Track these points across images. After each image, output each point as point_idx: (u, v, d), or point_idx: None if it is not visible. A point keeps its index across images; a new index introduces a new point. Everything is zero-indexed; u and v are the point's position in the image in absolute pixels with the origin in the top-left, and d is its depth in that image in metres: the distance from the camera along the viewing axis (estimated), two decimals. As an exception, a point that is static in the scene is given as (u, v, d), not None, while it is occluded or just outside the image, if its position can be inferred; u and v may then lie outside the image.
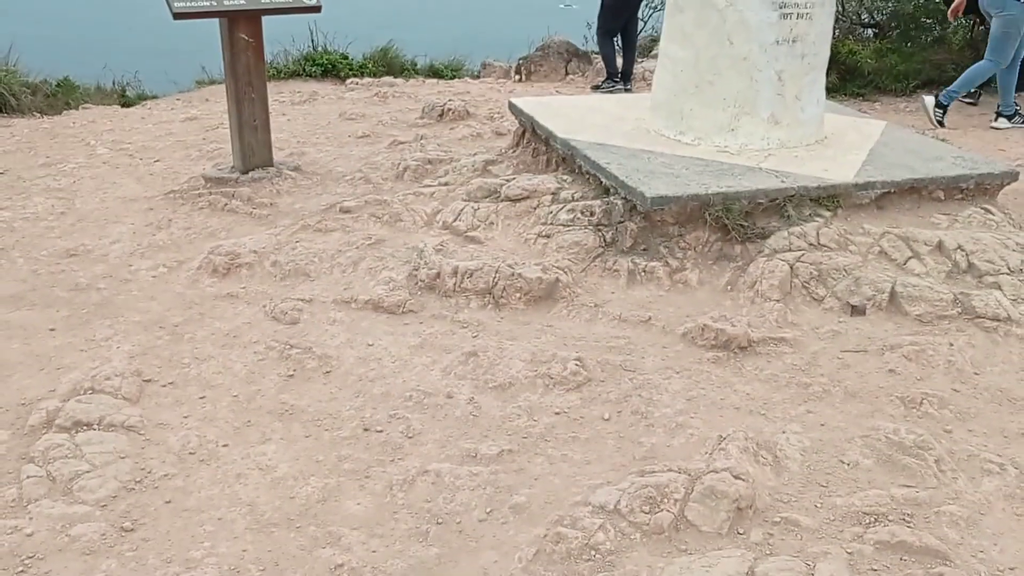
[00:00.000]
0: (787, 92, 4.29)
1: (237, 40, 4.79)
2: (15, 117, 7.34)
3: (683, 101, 4.45)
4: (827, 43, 4.45)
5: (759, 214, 3.82)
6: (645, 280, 3.65)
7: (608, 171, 3.99)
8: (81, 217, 4.50)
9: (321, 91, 8.62)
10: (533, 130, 4.93)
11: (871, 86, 8.32)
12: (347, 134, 6.24)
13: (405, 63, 11.18)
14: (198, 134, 6.36)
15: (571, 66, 10.37)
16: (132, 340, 3.25)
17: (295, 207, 4.60)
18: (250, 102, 4.93)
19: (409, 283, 3.63)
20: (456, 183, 4.71)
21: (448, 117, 6.56)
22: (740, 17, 4.16)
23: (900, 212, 3.97)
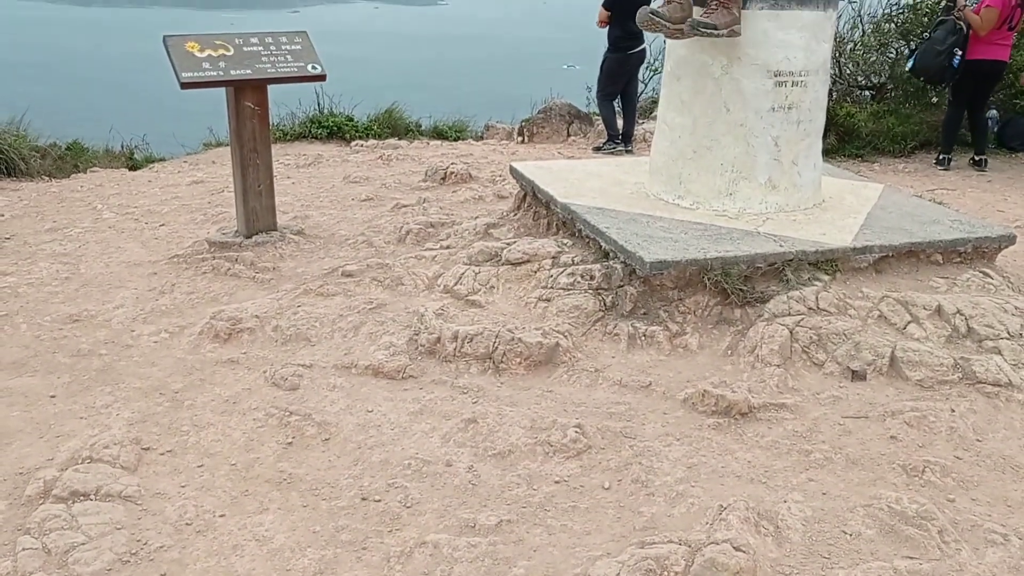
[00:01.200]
0: (784, 157, 4.34)
1: (243, 108, 4.88)
2: (24, 181, 7.44)
3: (681, 166, 4.51)
4: (822, 110, 4.52)
5: (758, 278, 3.84)
6: (645, 344, 3.65)
7: (607, 235, 4.03)
8: (85, 282, 4.53)
9: (326, 153, 8.74)
10: (534, 194, 4.99)
11: (869, 147, 8.42)
12: (351, 197, 6.32)
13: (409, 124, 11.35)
14: (203, 198, 6.44)
15: (573, 128, 10.51)
16: (132, 407, 3.25)
17: (298, 271, 4.63)
18: (255, 168, 5.01)
19: (409, 348, 3.64)
20: (458, 246, 4.75)
21: (451, 180, 6.64)
22: (736, 85, 4.24)
23: (899, 276, 3.99)
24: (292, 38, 5.17)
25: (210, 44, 4.85)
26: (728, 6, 4.09)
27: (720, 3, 4.09)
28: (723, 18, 4.08)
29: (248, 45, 4.97)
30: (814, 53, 4.30)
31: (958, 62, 7.50)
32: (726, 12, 4.08)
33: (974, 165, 7.92)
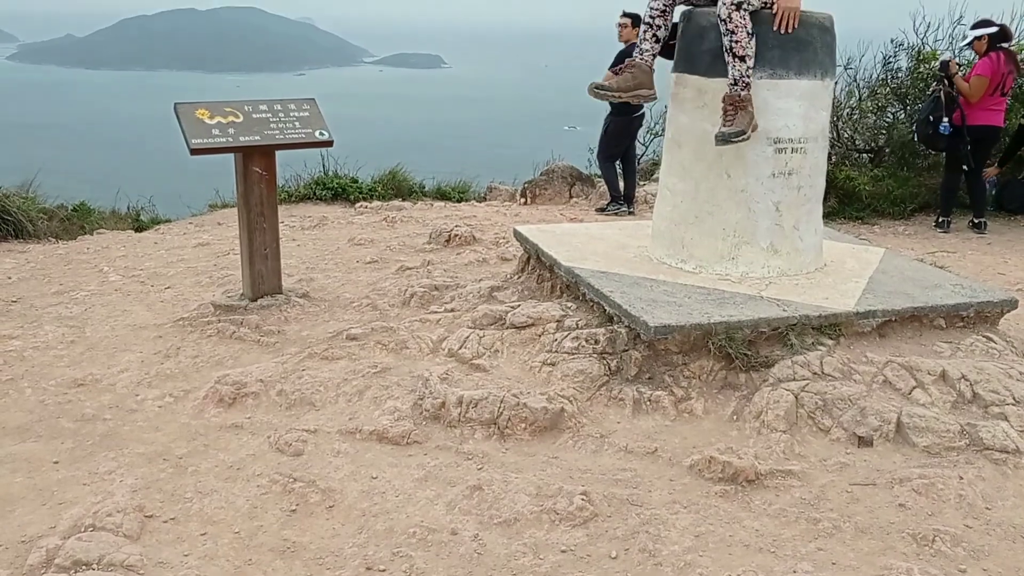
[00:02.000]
0: (785, 222, 4.39)
1: (251, 173, 4.96)
2: (31, 243, 7.52)
3: (684, 231, 4.56)
4: (822, 175, 4.59)
5: (762, 343, 3.85)
6: (650, 409, 3.65)
7: (611, 299, 4.05)
8: (91, 346, 4.55)
9: (331, 215, 8.83)
10: (538, 257, 5.03)
11: (869, 210, 8.51)
12: (355, 259, 6.37)
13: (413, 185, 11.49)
14: (209, 260, 6.49)
15: (575, 189, 10.63)
16: (135, 473, 3.24)
17: (302, 334, 4.65)
18: (261, 231, 5.06)
19: (414, 413, 3.63)
20: (462, 309, 4.78)
21: (455, 242, 6.70)
22: (737, 152, 4.31)
23: (902, 340, 4.00)
24: (300, 105, 5.27)
25: (220, 111, 4.94)
26: (743, 107, 4.18)
27: (734, 106, 4.18)
28: (744, 120, 4.17)
29: (257, 112, 5.07)
30: (813, 121, 4.38)
31: (945, 129, 7.66)
32: (745, 113, 4.17)
33: (973, 228, 8.00)
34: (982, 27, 7.85)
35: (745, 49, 4.15)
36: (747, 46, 4.15)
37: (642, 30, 4.57)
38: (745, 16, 4.14)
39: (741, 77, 4.18)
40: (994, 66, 7.60)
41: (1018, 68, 7.84)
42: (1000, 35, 7.77)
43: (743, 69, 4.17)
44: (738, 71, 4.18)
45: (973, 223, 8.04)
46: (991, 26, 7.81)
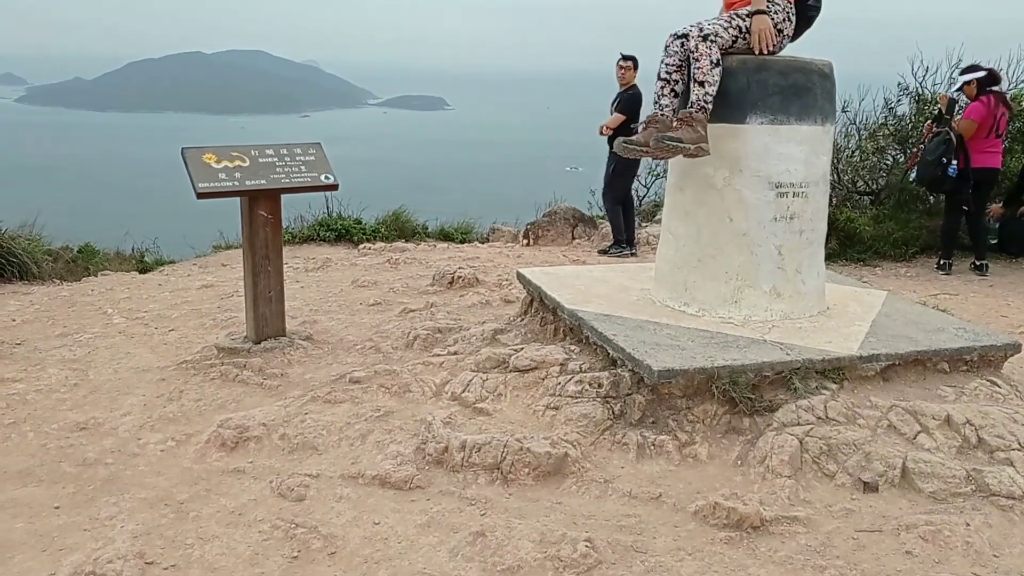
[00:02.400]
0: (787, 266, 4.41)
1: (256, 216, 4.99)
2: (36, 284, 7.55)
3: (686, 274, 4.57)
4: (823, 219, 4.61)
5: (766, 387, 3.84)
6: (654, 454, 3.63)
7: (615, 343, 4.05)
8: (94, 389, 4.55)
9: (334, 257, 8.87)
10: (541, 300, 5.05)
11: (871, 251, 8.54)
12: (359, 302, 6.38)
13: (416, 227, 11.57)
14: (213, 302, 6.51)
15: (577, 231, 10.69)
16: (136, 519, 3.22)
17: (305, 377, 4.64)
18: (266, 274, 5.09)
19: (417, 457, 3.62)
20: (465, 352, 4.78)
21: (458, 284, 6.72)
22: (738, 196, 4.34)
23: (906, 384, 3.99)
24: (307, 149, 5.33)
25: (227, 155, 5.00)
26: (691, 124, 4.26)
27: (683, 120, 4.28)
28: (689, 134, 4.25)
29: (263, 156, 5.12)
30: (813, 166, 4.42)
31: (953, 171, 7.70)
32: (691, 129, 4.26)
33: (975, 270, 8.02)
34: (971, 72, 8.02)
35: (706, 75, 4.27)
36: (708, 73, 4.27)
37: (658, 86, 4.56)
38: (711, 47, 4.27)
39: (698, 100, 4.29)
40: (985, 109, 7.71)
41: (1011, 110, 7.96)
42: (989, 79, 7.92)
43: (701, 93, 4.29)
44: (695, 95, 4.30)
45: (975, 265, 8.07)
46: (979, 71, 7.99)
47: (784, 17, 4.43)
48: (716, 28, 4.31)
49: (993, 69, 8.11)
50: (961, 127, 7.75)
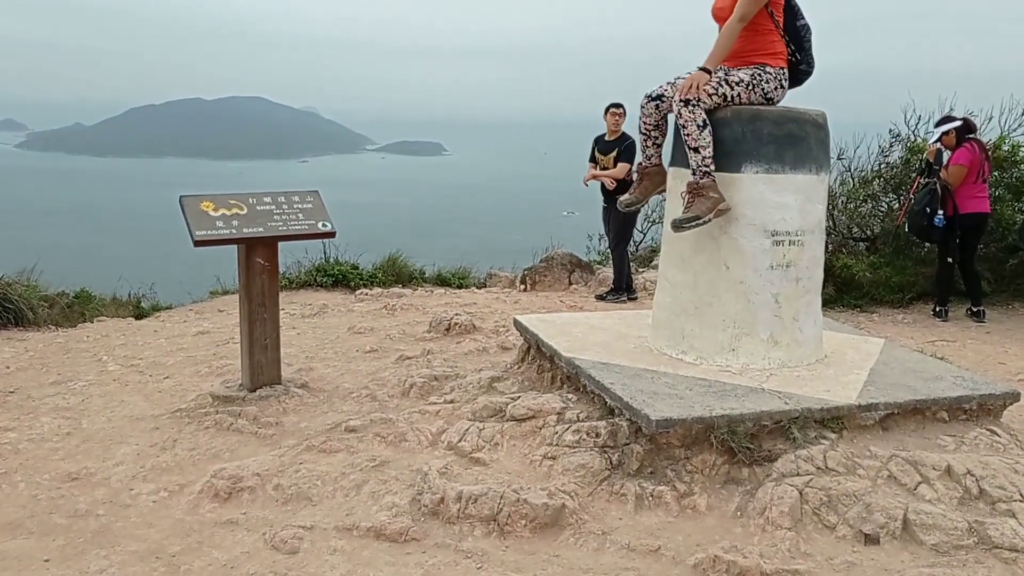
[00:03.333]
0: (784, 314, 4.41)
1: (253, 264, 4.99)
2: (31, 331, 7.52)
3: (684, 322, 4.57)
4: (820, 267, 4.62)
5: (765, 436, 3.81)
6: (653, 505, 3.59)
7: (612, 392, 4.03)
8: (87, 438, 4.50)
9: (331, 302, 8.85)
10: (538, 347, 5.03)
11: (868, 298, 8.55)
12: (355, 348, 6.36)
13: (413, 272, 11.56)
14: (209, 349, 6.48)
15: (574, 276, 10.70)
16: (127, 572, 3.16)
17: (301, 426, 4.61)
18: (262, 322, 5.07)
19: (412, 508, 3.57)
20: (462, 400, 4.75)
21: (455, 331, 6.70)
22: (735, 245, 4.35)
23: (905, 434, 3.96)
24: (304, 197, 5.35)
25: (224, 204, 5.01)
26: (701, 193, 4.26)
27: (692, 193, 4.29)
28: (702, 206, 4.24)
29: (261, 204, 5.14)
30: (809, 214, 4.44)
31: (940, 222, 7.77)
32: (702, 199, 4.25)
33: (972, 316, 8.03)
34: (947, 123, 8.16)
35: (697, 141, 4.28)
36: (699, 138, 4.28)
37: (640, 139, 4.77)
38: (694, 111, 4.28)
39: (698, 167, 4.31)
40: (971, 155, 7.83)
41: (989, 156, 8.07)
42: (965, 128, 8.05)
43: (699, 159, 4.30)
44: (694, 161, 4.32)
45: (971, 312, 8.07)
46: (954, 120, 8.14)
47: (776, 85, 4.48)
48: (699, 94, 4.31)
49: (967, 118, 8.27)
50: (951, 174, 7.83)
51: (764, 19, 4.43)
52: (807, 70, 4.69)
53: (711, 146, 4.30)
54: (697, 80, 4.32)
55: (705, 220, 4.25)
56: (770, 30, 4.46)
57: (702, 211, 4.24)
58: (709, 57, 4.39)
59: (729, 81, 4.38)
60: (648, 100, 4.63)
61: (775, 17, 4.46)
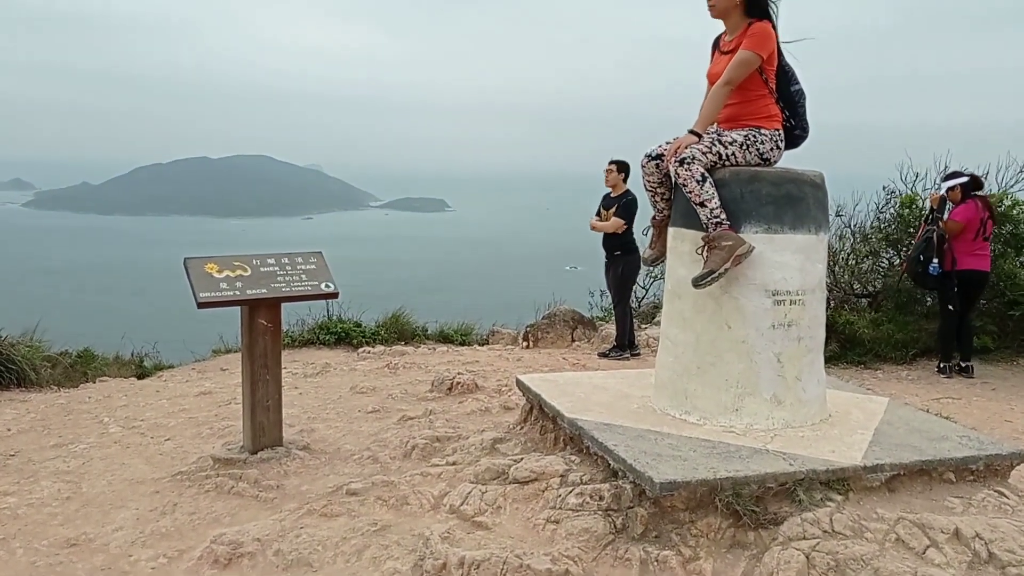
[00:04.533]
0: (787, 373, 4.40)
1: (256, 325, 5.01)
2: (33, 391, 7.52)
3: (686, 382, 4.56)
4: (821, 326, 4.62)
5: (770, 499, 3.77)
6: (658, 571, 3.54)
7: (616, 454, 4.00)
8: (86, 502, 4.46)
9: (334, 361, 8.85)
10: (540, 408, 5.01)
11: (871, 354, 8.53)
12: (357, 409, 6.33)
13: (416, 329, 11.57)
14: (211, 410, 6.46)
15: (577, 333, 10.70)
16: (124, 643, 3.11)
17: (302, 489, 4.57)
18: (264, 383, 5.07)
19: (414, 574, 3.52)
20: (464, 462, 4.71)
21: (457, 390, 6.68)
22: (736, 304, 4.37)
23: (912, 495, 3.92)
24: (307, 258, 5.39)
25: (228, 265, 5.05)
26: (714, 246, 4.28)
27: (706, 248, 4.31)
28: (717, 258, 4.25)
29: (265, 265, 5.17)
30: (809, 273, 4.46)
31: (935, 270, 7.80)
32: (716, 252, 4.27)
33: (960, 372, 8.00)
34: (954, 178, 8.23)
35: (700, 195, 4.32)
36: (701, 192, 4.32)
37: (648, 195, 4.85)
38: (691, 168, 4.32)
39: (707, 221, 4.34)
40: (971, 212, 7.88)
41: (994, 214, 8.12)
42: (972, 184, 8.11)
43: (706, 213, 4.33)
44: (703, 215, 4.35)
45: (960, 367, 8.04)
46: (962, 176, 8.21)
47: (772, 146, 4.55)
48: (694, 152, 4.35)
49: (975, 175, 8.32)
50: (949, 228, 7.90)
51: (757, 84, 4.50)
52: (802, 134, 4.76)
53: (716, 197, 4.33)
54: (685, 142, 4.39)
55: (721, 272, 4.25)
56: (763, 95, 4.53)
57: (716, 264, 4.25)
58: (697, 120, 4.46)
59: (722, 141, 4.45)
60: (648, 159, 4.69)
61: (769, 83, 4.53)
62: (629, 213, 8.79)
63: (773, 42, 4.46)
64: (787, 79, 4.66)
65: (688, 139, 4.40)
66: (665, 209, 4.86)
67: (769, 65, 4.50)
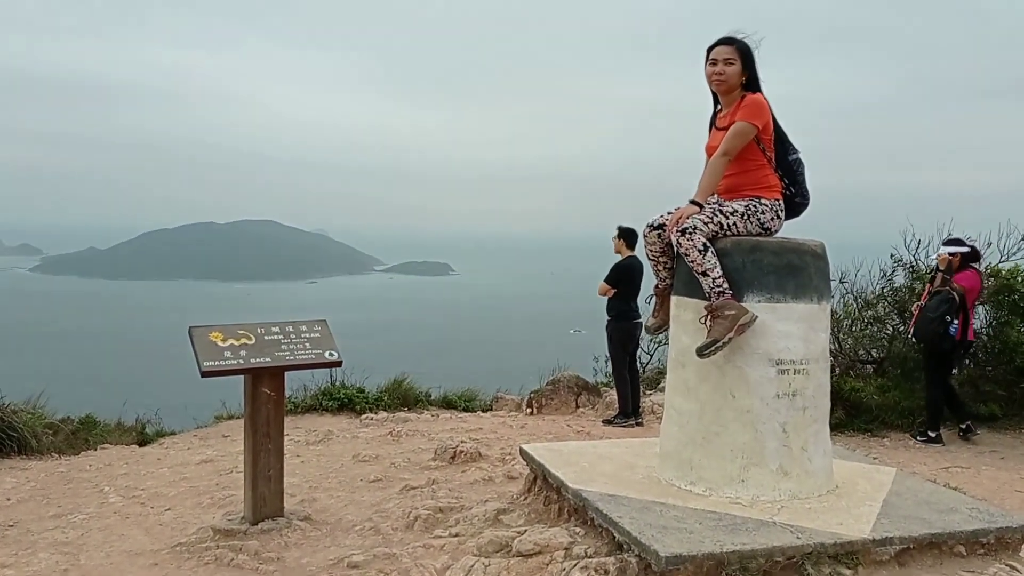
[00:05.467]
0: (793, 444, 4.36)
1: (260, 394, 5.00)
2: (33, 459, 7.46)
3: (691, 452, 4.52)
4: (826, 395, 4.61)
5: (778, 572, 3.71)
6: (664, 648, 3.46)
7: (620, 526, 3.95)
8: (84, 575, 4.40)
9: (336, 428, 8.79)
10: (544, 478, 4.96)
11: (877, 421, 8.46)
12: (359, 478, 6.27)
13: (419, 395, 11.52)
14: (212, 478, 6.40)
15: (581, 399, 10.64)
16: None
17: (302, 561, 4.50)
18: (266, 453, 5.04)
19: (416, 652, 3.45)
20: (467, 534, 4.65)
21: (460, 459, 6.62)
22: (740, 373, 4.36)
23: (923, 569, 3.85)
24: (312, 326, 5.40)
25: (233, 334, 5.06)
26: (717, 315, 4.29)
27: (710, 317, 4.31)
28: (720, 328, 4.26)
29: (269, 334, 5.19)
30: (812, 343, 4.46)
31: (955, 330, 7.73)
32: (719, 321, 4.28)
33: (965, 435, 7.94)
34: (956, 245, 8.24)
35: (703, 265, 4.34)
36: (703, 262, 4.34)
37: (651, 265, 4.88)
38: (692, 238, 4.35)
39: (710, 290, 4.35)
40: (975, 281, 7.93)
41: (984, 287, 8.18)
42: (972, 255, 8.16)
43: (708, 282, 4.35)
44: (705, 285, 4.36)
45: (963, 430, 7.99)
46: (963, 245, 8.23)
47: (772, 216, 4.60)
48: (695, 222, 4.40)
49: (975, 247, 8.38)
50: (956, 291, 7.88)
51: (756, 154, 4.57)
52: (803, 202, 4.81)
53: (718, 267, 4.36)
54: (686, 212, 4.43)
55: (725, 342, 4.25)
56: (762, 164, 4.60)
57: (720, 333, 4.26)
58: (697, 191, 4.52)
59: (723, 211, 4.49)
60: (650, 229, 4.74)
61: (767, 152, 4.60)
62: (613, 277, 8.85)
63: (767, 112, 4.54)
64: (785, 149, 4.73)
65: (689, 209, 4.45)
66: (668, 278, 4.89)
67: (766, 135, 4.57)
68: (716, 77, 4.59)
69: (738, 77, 4.55)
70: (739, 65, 4.54)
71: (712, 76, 4.60)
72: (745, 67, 4.55)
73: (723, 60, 4.55)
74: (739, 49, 4.56)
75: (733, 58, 4.54)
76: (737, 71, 4.54)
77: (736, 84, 4.58)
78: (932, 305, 7.90)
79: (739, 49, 4.56)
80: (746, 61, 4.56)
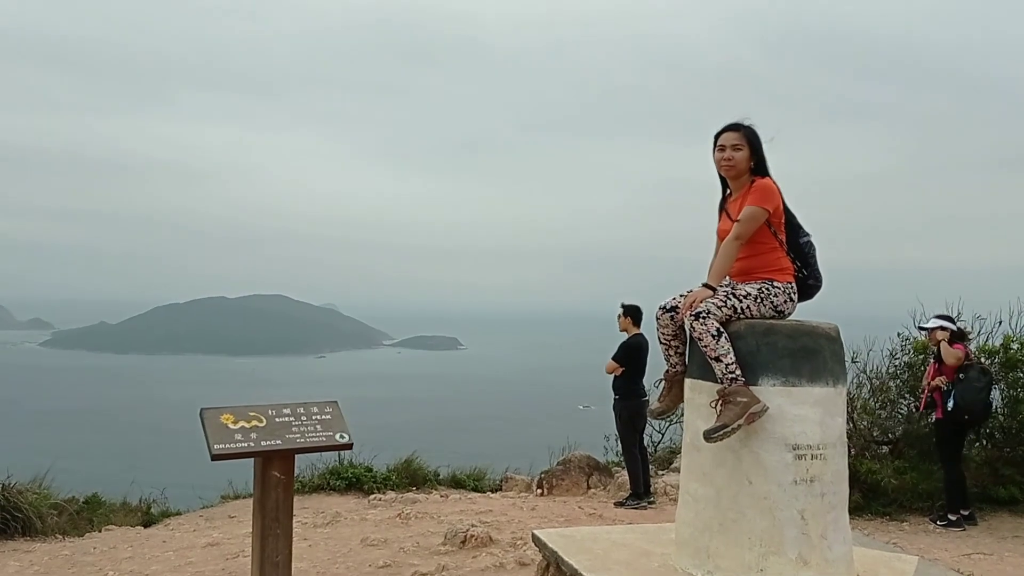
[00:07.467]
0: (812, 531, 4.27)
1: (270, 477, 4.94)
2: (38, 541, 7.37)
3: (708, 539, 4.43)
4: (845, 481, 4.52)
5: (800, 669, 3.59)
6: None
7: (637, 618, 3.85)
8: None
9: (344, 509, 8.67)
10: (558, 565, 4.85)
11: (895, 504, 8.28)
12: (368, 563, 6.15)
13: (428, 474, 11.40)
14: (217, 563, 6.29)
15: (592, 479, 10.50)
16: None
17: (310, 653, 4.39)
18: (275, 537, 4.95)
19: None
20: (478, 624, 4.54)
21: (471, 544, 6.50)
22: (756, 458, 4.29)
23: (951, 666, 3.73)
24: (323, 408, 5.36)
25: (244, 416, 5.03)
26: (728, 401, 4.24)
27: (721, 402, 4.27)
28: (730, 413, 4.21)
29: (280, 416, 5.15)
30: (829, 427, 4.40)
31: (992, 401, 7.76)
32: (730, 407, 4.23)
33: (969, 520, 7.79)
34: (947, 321, 8.29)
35: (716, 351, 4.30)
36: (716, 347, 4.30)
37: (662, 349, 4.81)
38: (706, 322, 4.32)
39: (723, 375, 4.30)
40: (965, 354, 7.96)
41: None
42: (959, 335, 8.22)
43: (721, 368, 4.30)
44: (718, 371, 4.32)
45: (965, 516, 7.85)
46: (952, 324, 8.29)
47: (785, 298, 4.60)
48: (709, 306, 4.38)
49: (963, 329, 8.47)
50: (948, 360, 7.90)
51: (767, 238, 4.59)
52: (816, 284, 4.82)
53: (731, 352, 4.32)
54: (699, 296, 4.43)
55: (734, 428, 4.20)
56: (774, 247, 4.61)
57: (729, 419, 4.20)
58: (710, 274, 4.53)
59: (736, 294, 4.49)
60: (663, 312, 4.72)
61: (778, 235, 4.63)
62: (621, 355, 8.82)
63: (777, 196, 4.58)
64: (796, 232, 4.75)
65: (703, 292, 4.45)
66: (678, 364, 4.81)
67: (776, 218, 4.60)
68: (725, 163, 4.64)
69: (746, 162, 4.61)
70: (747, 150, 4.60)
71: (721, 162, 4.66)
72: (753, 152, 4.61)
73: (731, 146, 4.61)
74: (746, 135, 4.63)
75: (741, 144, 4.61)
76: (745, 156, 4.60)
77: (745, 169, 4.63)
78: (973, 376, 7.85)
79: (746, 135, 4.63)
80: (753, 146, 4.62)
